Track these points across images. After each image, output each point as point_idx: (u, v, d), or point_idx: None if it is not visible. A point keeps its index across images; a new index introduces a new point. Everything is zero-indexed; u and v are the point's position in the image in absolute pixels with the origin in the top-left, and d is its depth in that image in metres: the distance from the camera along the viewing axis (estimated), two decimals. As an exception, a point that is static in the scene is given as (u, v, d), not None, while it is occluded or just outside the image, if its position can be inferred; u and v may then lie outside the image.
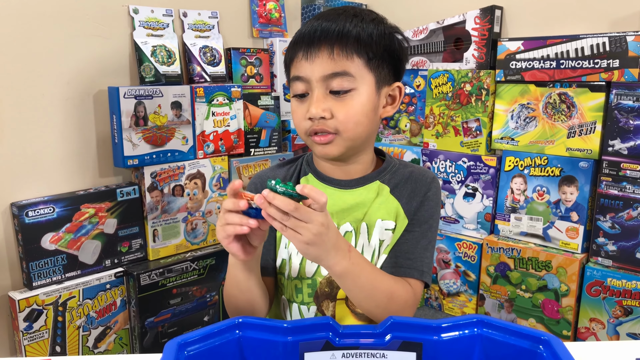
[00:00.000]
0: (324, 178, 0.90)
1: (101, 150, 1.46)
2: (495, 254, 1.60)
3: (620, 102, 1.38)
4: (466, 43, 1.67)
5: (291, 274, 0.88)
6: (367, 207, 0.88)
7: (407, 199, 0.88)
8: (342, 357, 0.58)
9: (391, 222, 0.87)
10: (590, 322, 1.47)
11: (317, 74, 0.80)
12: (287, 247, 0.89)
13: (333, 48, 0.80)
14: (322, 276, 0.87)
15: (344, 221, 0.88)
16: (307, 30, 0.82)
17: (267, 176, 0.91)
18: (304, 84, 0.82)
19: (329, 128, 0.81)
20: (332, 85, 0.80)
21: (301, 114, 0.83)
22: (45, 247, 1.31)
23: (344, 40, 0.80)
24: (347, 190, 0.89)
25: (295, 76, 0.83)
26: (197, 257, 1.54)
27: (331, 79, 0.80)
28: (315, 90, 0.81)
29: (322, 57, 0.80)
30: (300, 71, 0.82)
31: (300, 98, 0.84)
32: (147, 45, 1.48)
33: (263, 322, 0.59)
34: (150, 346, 1.46)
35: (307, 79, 0.81)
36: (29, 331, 1.28)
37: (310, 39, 0.81)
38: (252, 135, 1.72)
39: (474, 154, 1.66)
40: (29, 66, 1.31)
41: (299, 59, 0.82)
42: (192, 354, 0.56)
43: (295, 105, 0.85)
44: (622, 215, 1.41)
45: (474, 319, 0.60)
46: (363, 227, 0.87)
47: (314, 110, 0.80)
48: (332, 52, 0.80)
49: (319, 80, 0.80)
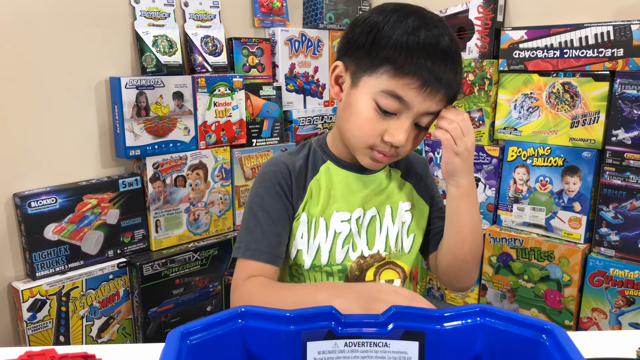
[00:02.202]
0: (344, 164, 0.90)
1: (103, 140, 1.46)
2: (498, 244, 1.60)
3: (625, 92, 1.37)
4: (469, 32, 1.65)
5: (320, 262, 0.87)
6: (388, 190, 0.92)
7: (416, 179, 0.95)
8: (345, 346, 0.58)
9: (408, 203, 0.93)
10: (593, 312, 1.47)
11: (421, 109, 0.78)
12: (315, 237, 0.87)
13: (448, 91, 0.78)
14: (352, 261, 0.88)
15: (370, 206, 0.89)
16: (428, 42, 0.76)
17: (284, 162, 0.89)
18: (399, 105, 0.77)
19: (396, 153, 0.82)
20: (422, 120, 0.80)
21: (378, 130, 0.79)
22: (48, 237, 1.31)
23: (456, 85, 0.80)
24: (367, 175, 0.90)
25: (396, 95, 0.77)
26: (199, 247, 1.54)
27: (427, 115, 0.80)
28: (407, 119, 0.78)
29: (436, 98, 0.78)
30: (407, 96, 0.76)
31: (382, 113, 0.78)
32: (148, 35, 1.47)
33: (265, 311, 0.59)
34: (154, 336, 1.47)
35: (409, 106, 0.77)
36: (33, 321, 1.29)
37: (438, 73, 0.76)
38: (254, 126, 1.72)
39: (476, 144, 1.65)
40: (30, 57, 1.30)
41: (412, 84, 0.76)
42: (194, 343, 0.56)
43: (374, 117, 0.79)
44: (625, 206, 1.40)
45: (476, 308, 0.59)
46: (387, 210, 0.90)
47: (398, 138, 0.78)
48: (444, 96, 0.78)
49: (418, 113, 0.78)
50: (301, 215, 0.87)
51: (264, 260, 0.82)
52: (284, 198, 0.86)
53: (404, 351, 0.58)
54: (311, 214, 0.87)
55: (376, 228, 0.90)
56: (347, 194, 0.89)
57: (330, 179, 0.89)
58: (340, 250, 0.87)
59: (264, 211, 0.85)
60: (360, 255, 0.89)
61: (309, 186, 0.88)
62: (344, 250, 0.88)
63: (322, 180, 0.89)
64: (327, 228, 0.87)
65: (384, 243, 0.90)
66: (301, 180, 0.88)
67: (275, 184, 0.86)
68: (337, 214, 0.88)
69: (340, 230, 0.87)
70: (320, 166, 0.90)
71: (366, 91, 0.79)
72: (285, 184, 0.87)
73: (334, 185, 0.89)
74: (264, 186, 0.87)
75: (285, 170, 0.87)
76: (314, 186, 0.88)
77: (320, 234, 0.87)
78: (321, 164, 0.90)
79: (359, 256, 0.89)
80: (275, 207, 0.85)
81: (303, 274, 0.89)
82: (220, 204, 1.64)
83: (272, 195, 0.86)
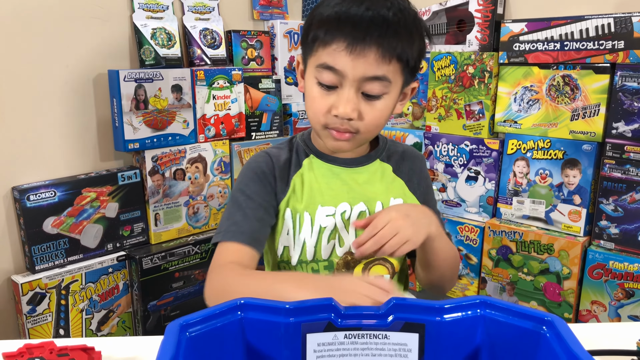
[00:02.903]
0: (327, 158, 0.89)
1: (102, 134, 1.45)
2: (497, 237, 1.60)
3: (625, 84, 1.37)
4: (469, 25, 1.65)
5: (306, 258, 0.87)
6: (378, 186, 0.90)
7: (408, 176, 0.93)
8: (345, 338, 0.58)
9: (400, 199, 0.90)
10: (592, 304, 1.47)
11: (358, 73, 0.74)
12: (300, 232, 0.87)
13: (380, 49, 0.73)
14: (338, 257, 0.87)
15: (358, 201, 0.88)
16: (353, 13, 0.74)
17: (269, 154, 0.89)
18: (336, 76, 0.76)
19: (352, 128, 0.79)
20: (367, 88, 0.76)
21: (324, 106, 0.78)
22: (47, 231, 1.31)
23: (393, 42, 0.74)
24: (355, 168, 0.89)
25: (327, 65, 0.76)
26: (199, 240, 1.54)
27: (369, 81, 0.76)
28: (348, 88, 0.76)
29: (368, 57, 0.73)
30: (337, 63, 0.75)
31: (325, 88, 0.78)
32: (146, 28, 1.47)
33: (265, 304, 0.59)
34: (153, 329, 1.47)
35: (343, 73, 0.75)
36: (33, 314, 1.29)
37: (357, 27, 0.73)
38: (253, 119, 1.71)
39: (476, 137, 1.65)
40: (28, 50, 1.30)
41: (339, 48, 0.74)
42: (193, 335, 0.55)
43: (318, 93, 0.79)
44: (625, 198, 1.40)
45: (476, 300, 0.59)
46: (378, 206, 0.88)
47: (343, 111, 0.76)
48: (378, 54, 0.74)
49: (357, 79, 0.75)
50: (285, 211, 0.87)
51: (243, 242, 0.81)
52: (267, 185, 0.86)
53: (404, 343, 0.58)
54: (295, 209, 0.87)
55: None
56: (331, 187, 0.88)
57: (313, 173, 0.89)
58: (326, 245, 0.86)
59: (247, 197, 0.85)
60: (348, 251, 0.87)
61: (292, 180, 0.88)
62: (330, 245, 0.87)
63: (306, 175, 0.88)
64: (312, 223, 0.86)
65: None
66: (285, 173, 0.88)
67: (259, 172, 0.87)
68: (322, 208, 0.87)
69: (325, 224, 0.86)
70: (303, 160, 0.90)
71: (310, 73, 0.80)
72: (269, 172, 0.87)
73: (317, 179, 0.88)
74: (248, 174, 0.87)
75: (270, 162, 0.88)
76: (297, 181, 0.88)
77: (306, 228, 0.86)
78: (304, 158, 0.90)
79: (346, 252, 0.87)
80: (258, 193, 0.85)
81: (291, 270, 0.89)
82: (220, 198, 1.64)
83: (256, 181, 0.86)
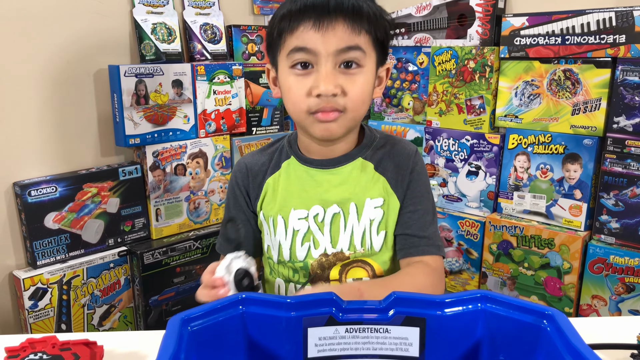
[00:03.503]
0: (306, 160, 0.88)
1: (102, 129, 1.45)
2: (498, 232, 1.60)
3: (626, 78, 1.36)
4: (470, 19, 1.64)
5: (283, 259, 0.88)
6: (353, 186, 0.86)
7: (393, 173, 0.87)
8: (346, 332, 0.58)
9: (380, 199, 0.86)
10: (592, 299, 1.47)
11: (330, 47, 0.74)
12: (275, 235, 0.88)
13: (347, 20, 0.75)
14: (314, 259, 0.87)
15: (330, 203, 0.86)
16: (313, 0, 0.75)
17: (245, 163, 0.92)
18: (309, 55, 0.76)
19: (338, 106, 0.77)
20: (343, 57, 0.76)
21: (303, 90, 0.77)
22: (48, 226, 1.31)
23: (358, 15, 0.75)
24: (330, 169, 0.87)
25: (297, 47, 0.76)
26: (200, 236, 1.54)
27: (345, 52, 0.75)
28: (324, 64, 0.75)
29: (337, 29, 0.74)
30: (307, 42, 0.75)
31: (301, 71, 0.77)
32: (147, 23, 1.46)
33: (266, 298, 0.59)
34: (155, 324, 1.47)
35: (315, 51, 0.75)
36: (34, 309, 1.29)
37: (322, 8, 0.74)
38: (253, 114, 1.71)
39: (477, 132, 1.65)
40: (28, 45, 1.30)
41: (306, 28, 0.75)
42: (195, 329, 0.56)
43: (294, 80, 0.78)
44: (625, 193, 1.40)
45: (477, 294, 0.59)
46: (352, 207, 0.86)
47: (324, 87, 0.75)
48: (346, 26, 0.74)
49: (331, 54, 0.75)
50: (260, 214, 0.91)
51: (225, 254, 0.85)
52: (241, 199, 0.92)
53: (405, 337, 0.58)
54: (267, 212, 0.89)
55: (340, 226, 0.86)
56: (304, 190, 0.87)
57: (288, 176, 0.89)
58: (300, 247, 0.87)
59: (228, 209, 0.94)
60: (323, 253, 0.87)
61: (265, 184, 0.90)
62: (305, 247, 0.87)
63: (282, 177, 0.89)
64: (286, 226, 0.87)
65: (348, 242, 0.86)
66: (259, 178, 0.91)
67: (234, 185, 0.93)
68: (295, 211, 0.87)
69: (298, 227, 0.87)
70: (282, 162, 0.90)
71: (282, 66, 0.80)
72: (242, 185, 0.92)
73: (292, 182, 0.88)
74: (229, 187, 0.95)
75: (244, 171, 0.93)
76: (270, 183, 0.90)
77: (280, 231, 0.87)
78: (284, 159, 0.90)
79: (321, 254, 0.87)
80: (235, 207, 0.93)
81: (273, 267, 0.91)
82: (221, 193, 1.64)
83: (233, 197, 0.93)
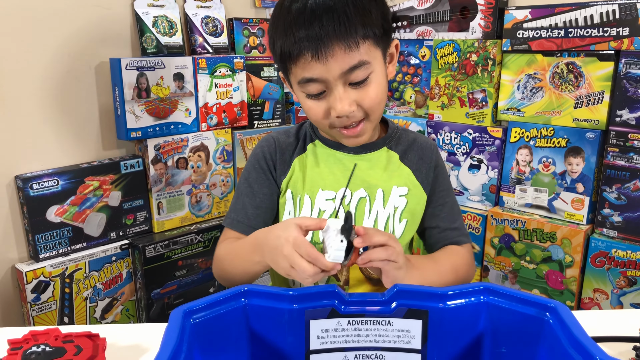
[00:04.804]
0: (332, 144, 0.91)
1: (104, 122, 1.45)
2: (500, 226, 1.60)
3: (630, 72, 1.36)
4: (472, 12, 1.63)
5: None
6: (381, 173, 0.90)
7: (416, 165, 0.92)
8: (348, 325, 0.58)
9: (405, 188, 0.90)
10: (594, 292, 1.47)
11: (335, 73, 0.75)
12: (299, 214, 0.89)
13: (342, 42, 0.73)
14: None
15: (358, 187, 0.89)
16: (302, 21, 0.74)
17: (274, 138, 0.93)
18: (319, 84, 0.77)
19: (357, 118, 0.81)
20: (351, 78, 0.77)
21: (320, 111, 0.80)
22: (50, 219, 1.31)
23: (350, 28, 0.74)
24: (358, 155, 0.90)
25: (306, 78, 0.77)
26: (202, 229, 1.54)
27: (350, 73, 0.76)
28: (334, 88, 0.77)
29: (336, 54, 0.74)
30: (314, 73, 0.76)
31: (316, 97, 0.80)
32: (148, 16, 1.46)
33: (269, 290, 0.59)
34: (157, 317, 1.48)
35: (323, 79, 0.76)
36: (37, 302, 1.30)
37: (315, 36, 0.73)
38: (255, 108, 1.71)
39: (479, 126, 1.64)
40: (29, 38, 1.29)
41: (307, 60, 0.75)
42: (197, 321, 0.56)
43: (312, 103, 0.80)
44: (628, 186, 1.40)
45: (480, 286, 0.59)
46: (379, 193, 0.89)
47: (341, 109, 0.77)
48: (343, 47, 0.74)
49: (338, 77, 0.76)
50: (286, 192, 0.90)
51: (239, 230, 0.90)
52: (267, 172, 0.92)
53: (407, 329, 0.59)
54: (295, 190, 0.90)
55: (365, 210, 0.88)
56: (332, 172, 0.89)
57: (316, 158, 0.91)
58: (317, 233, 0.86)
59: (248, 184, 0.92)
60: None
61: (294, 162, 0.91)
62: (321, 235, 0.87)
63: (309, 159, 0.91)
64: (312, 205, 0.88)
65: (372, 226, 0.88)
66: (287, 155, 0.92)
67: (260, 158, 0.92)
68: (322, 192, 0.88)
69: (324, 208, 0.88)
70: (308, 144, 0.92)
71: (296, 88, 0.82)
72: (270, 158, 0.92)
73: (320, 164, 0.90)
74: (252, 160, 0.93)
75: (273, 146, 0.93)
76: (298, 162, 0.91)
77: (305, 211, 0.88)
78: (309, 142, 0.93)
79: None
80: (258, 181, 0.92)
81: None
82: (222, 186, 1.64)
83: (257, 169, 0.92)
